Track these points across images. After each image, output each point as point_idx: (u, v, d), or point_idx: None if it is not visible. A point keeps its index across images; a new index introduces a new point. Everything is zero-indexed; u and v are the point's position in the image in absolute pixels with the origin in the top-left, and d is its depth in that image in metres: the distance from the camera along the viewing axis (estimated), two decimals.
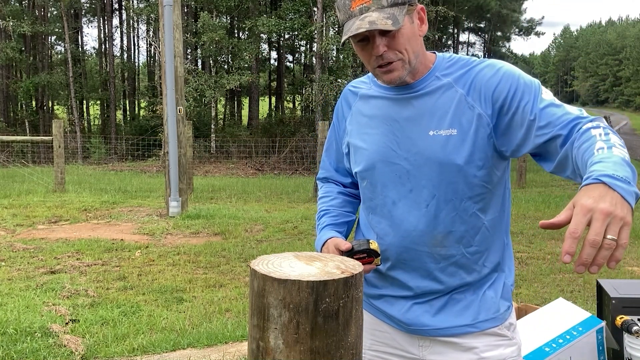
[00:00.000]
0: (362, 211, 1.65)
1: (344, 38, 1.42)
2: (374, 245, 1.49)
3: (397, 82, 1.46)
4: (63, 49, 30.37)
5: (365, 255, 1.48)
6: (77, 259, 5.84)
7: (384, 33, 1.40)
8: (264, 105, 34.48)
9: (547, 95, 1.40)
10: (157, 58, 27.32)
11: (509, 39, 51.25)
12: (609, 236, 0.96)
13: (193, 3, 25.55)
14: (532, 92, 1.39)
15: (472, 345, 1.50)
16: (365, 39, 1.42)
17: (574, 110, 1.36)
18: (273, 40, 30.23)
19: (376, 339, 1.60)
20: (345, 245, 1.50)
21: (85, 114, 32.42)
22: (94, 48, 36.23)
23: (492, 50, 48.86)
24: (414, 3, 1.44)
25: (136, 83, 36.17)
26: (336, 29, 21.33)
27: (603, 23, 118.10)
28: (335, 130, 1.71)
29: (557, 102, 1.39)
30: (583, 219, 0.97)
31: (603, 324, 2.55)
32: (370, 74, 1.61)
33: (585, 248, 0.96)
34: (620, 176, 1.04)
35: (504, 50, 51.15)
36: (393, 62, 1.43)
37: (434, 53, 1.54)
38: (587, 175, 1.08)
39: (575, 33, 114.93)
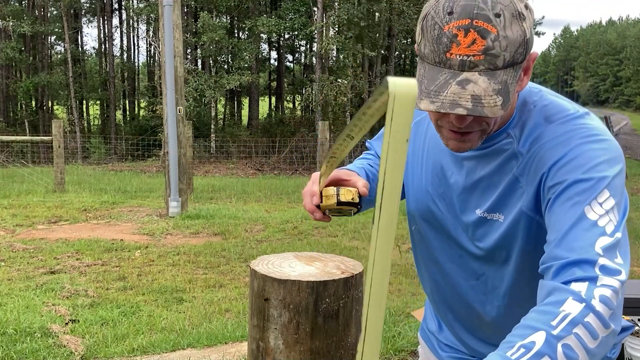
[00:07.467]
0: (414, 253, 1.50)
1: (425, 106, 1.00)
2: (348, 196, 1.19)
3: (464, 152, 1.16)
4: (63, 49, 30.36)
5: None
6: (76, 259, 5.84)
7: None
8: (264, 105, 34.45)
9: (599, 207, 1.02)
10: (157, 58, 27.32)
11: None
12: None
13: (193, 3, 25.54)
14: (588, 191, 1.02)
15: None
16: None
17: (593, 247, 0.99)
18: (273, 40, 30.21)
19: None
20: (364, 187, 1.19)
21: (85, 114, 32.37)
22: (93, 48, 36.21)
23: None
24: (529, 53, 1.05)
25: (136, 83, 36.13)
26: (336, 29, 21.30)
27: (603, 23, 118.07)
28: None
29: (605, 219, 1.01)
30: None
31: None
32: None
33: None
34: None
35: None
36: (472, 133, 1.09)
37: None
38: None
39: (576, 33, 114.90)
